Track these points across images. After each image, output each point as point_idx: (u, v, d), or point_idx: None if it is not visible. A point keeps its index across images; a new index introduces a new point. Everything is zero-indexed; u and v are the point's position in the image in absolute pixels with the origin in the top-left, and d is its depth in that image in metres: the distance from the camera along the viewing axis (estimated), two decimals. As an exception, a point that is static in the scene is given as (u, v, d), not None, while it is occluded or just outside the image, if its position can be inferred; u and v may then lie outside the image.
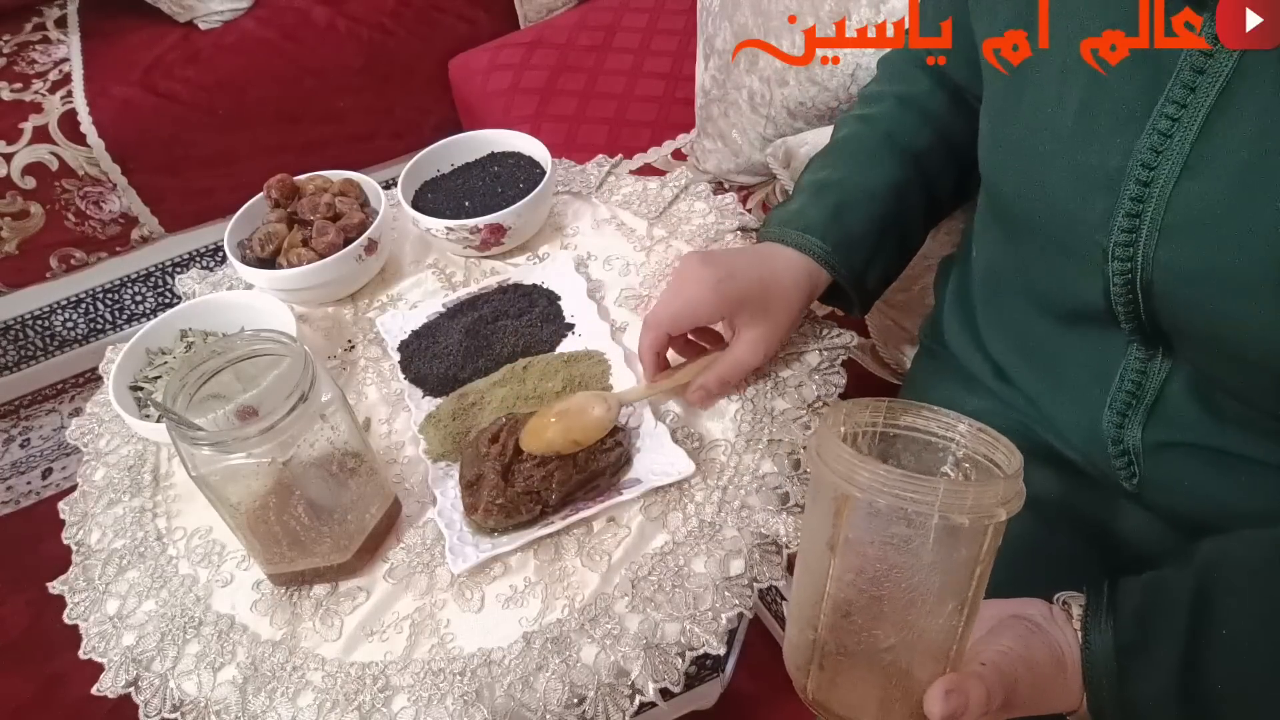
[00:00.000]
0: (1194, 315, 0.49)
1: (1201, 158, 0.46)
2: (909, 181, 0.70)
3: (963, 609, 0.43)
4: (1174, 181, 0.47)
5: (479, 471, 0.65)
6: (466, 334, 0.78)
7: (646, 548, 0.64)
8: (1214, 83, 0.45)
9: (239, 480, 0.59)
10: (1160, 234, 0.48)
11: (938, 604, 0.43)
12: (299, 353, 0.58)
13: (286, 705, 0.60)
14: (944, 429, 0.46)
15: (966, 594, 0.43)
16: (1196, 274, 0.47)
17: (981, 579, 0.43)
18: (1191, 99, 0.46)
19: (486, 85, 1.51)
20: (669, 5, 1.57)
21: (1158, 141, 0.47)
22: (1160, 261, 0.49)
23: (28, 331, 1.63)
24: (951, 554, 0.41)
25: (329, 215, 0.86)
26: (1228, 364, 0.51)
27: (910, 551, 0.41)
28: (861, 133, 0.73)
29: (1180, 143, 0.47)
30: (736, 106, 1.13)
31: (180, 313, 0.81)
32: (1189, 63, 0.46)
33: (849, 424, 0.46)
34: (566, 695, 0.58)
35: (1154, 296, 0.50)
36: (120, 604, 0.67)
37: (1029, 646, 0.48)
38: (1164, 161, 0.47)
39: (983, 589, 0.44)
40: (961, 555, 0.41)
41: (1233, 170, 0.45)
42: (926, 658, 0.44)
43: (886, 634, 0.44)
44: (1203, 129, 0.46)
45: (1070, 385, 0.61)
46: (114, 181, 1.52)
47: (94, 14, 1.66)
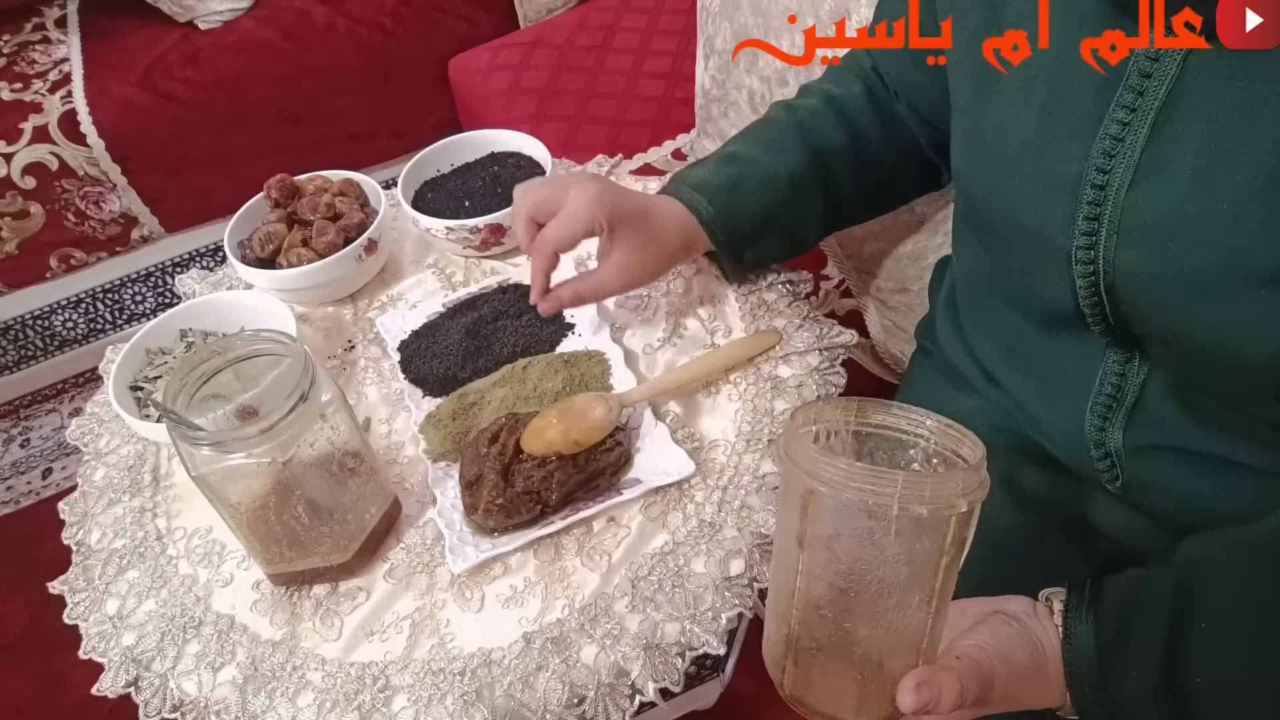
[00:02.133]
0: (1159, 318, 0.50)
1: (1152, 161, 0.46)
2: (810, 175, 0.72)
3: (930, 600, 0.44)
4: (1127, 185, 0.47)
5: (479, 471, 0.65)
6: (466, 334, 0.78)
7: (646, 548, 0.64)
8: (1160, 86, 0.45)
9: (239, 480, 0.59)
10: (1119, 237, 0.48)
11: (905, 595, 0.43)
12: (299, 353, 0.58)
13: (286, 705, 0.60)
14: (912, 425, 0.47)
15: (933, 585, 0.43)
16: (1156, 276, 0.48)
17: (949, 570, 0.43)
18: (1140, 102, 0.46)
19: (486, 85, 1.51)
20: (669, 5, 1.57)
21: (1110, 145, 0.48)
22: (1120, 264, 0.49)
23: (28, 331, 1.63)
24: (915, 545, 0.42)
25: (329, 215, 0.86)
26: (1202, 366, 0.51)
27: (874, 544, 0.42)
28: (781, 119, 0.75)
29: (1131, 146, 0.47)
30: (736, 106, 1.13)
31: (180, 313, 0.81)
32: (1137, 67, 0.46)
33: (821, 423, 0.47)
34: (566, 695, 0.58)
35: (1118, 300, 0.50)
36: (120, 604, 0.67)
37: (1007, 641, 0.48)
38: (1117, 165, 0.48)
39: (951, 581, 0.44)
40: (925, 547, 0.42)
41: (1184, 172, 0.45)
42: (898, 651, 0.45)
43: (856, 626, 0.44)
44: (1151, 132, 0.46)
45: (1053, 388, 0.61)
46: (114, 181, 1.52)
47: (94, 14, 1.66)
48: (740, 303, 0.79)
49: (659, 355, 0.77)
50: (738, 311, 0.79)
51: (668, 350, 0.77)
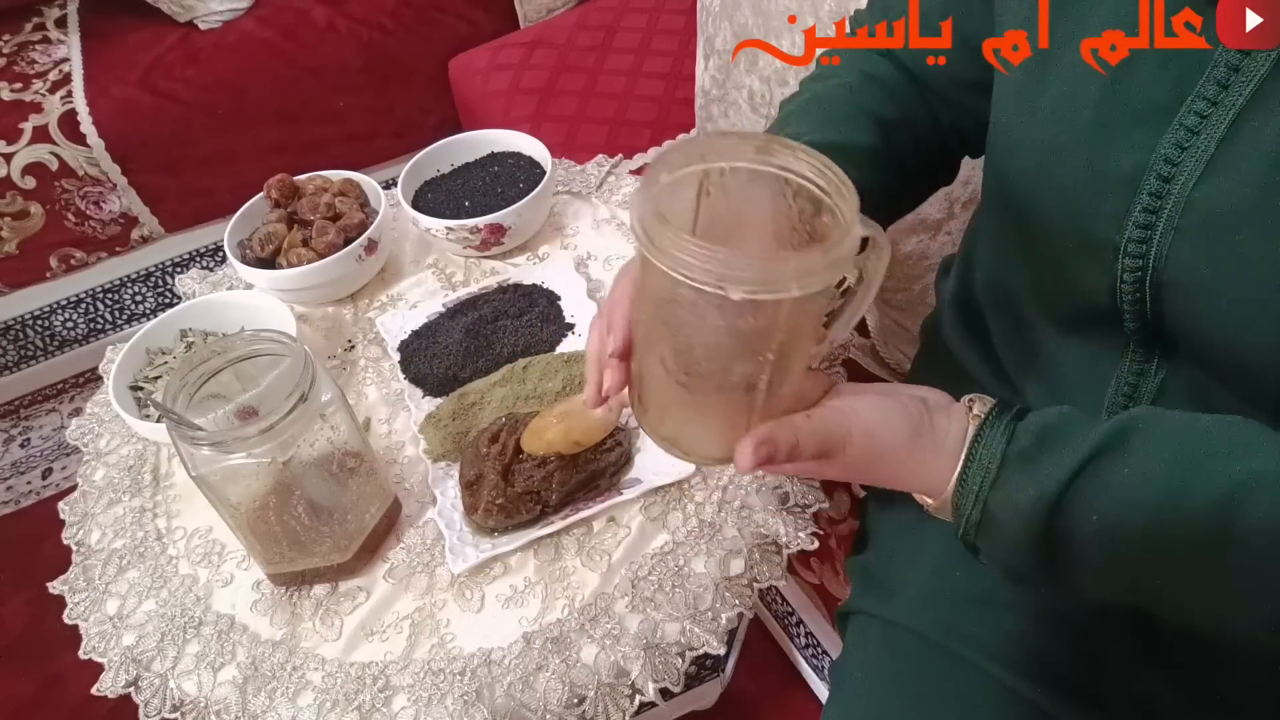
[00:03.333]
0: (1201, 317, 0.49)
1: (1226, 158, 0.45)
2: (883, 149, 0.65)
3: (762, 373, 0.43)
4: (1195, 180, 0.46)
5: (479, 471, 0.65)
6: (466, 334, 0.78)
7: (646, 548, 0.64)
8: (1248, 82, 0.44)
9: (239, 480, 0.59)
10: (1176, 233, 0.47)
11: (730, 364, 0.43)
12: (299, 353, 0.58)
13: (286, 705, 0.60)
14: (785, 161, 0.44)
15: (764, 359, 0.42)
16: (1209, 276, 0.47)
17: (786, 347, 0.42)
18: (1224, 96, 0.45)
19: (486, 85, 1.51)
20: (669, 5, 1.57)
21: (1183, 138, 0.46)
22: (1173, 261, 0.48)
23: (28, 331, 1.63)
24: (738, 322, 0.40)
25: (329, 215, 0.86)
26: (1228, 369, 0.51)
27: (695, 312, 0.41)
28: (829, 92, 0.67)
29: (1206, 141, 0.46)
30: (736, 106, 1.13)
31: (180, 313, 0.81)
32: (1225, 59, 0.45)
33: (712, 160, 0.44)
34: (566, 695, 0.58)
35: (1163, 297, 0.50)
36: (120, 604, 0.67)
37: (887, 415, 0.48)
38: (1187, 158, 0.46)
39: (795, 358, 0.43)
40: (751, 324, 0.41)
41: (1257, 173, 0.44)
42: (729, 413, 0.45)
43: (691, 383, 0.45)
44: (1230, 128, 0.45)
45: (1068, 388, 0.61)
46: (114, 181, 1.52)
47: (94, 14, 1.66)
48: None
49: (659, 355, 0.77)
50: (738, 311, 0.79)
51: (668, 350, 0.77)
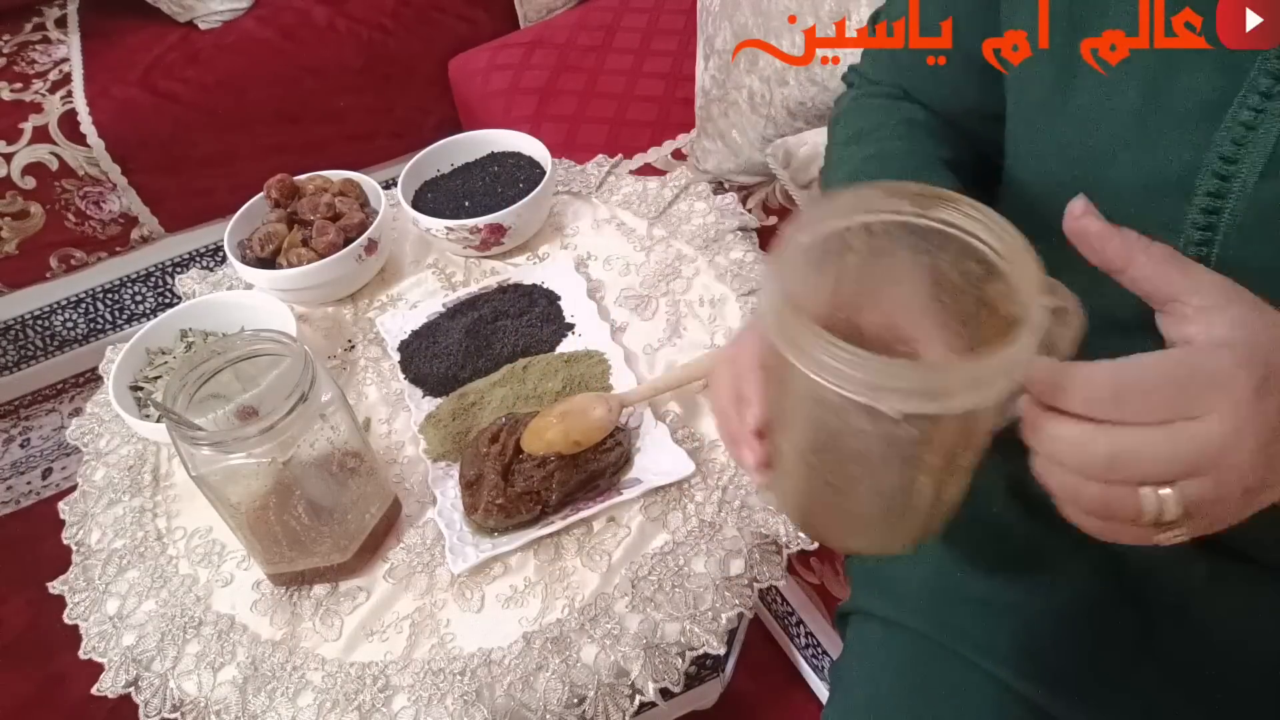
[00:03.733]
0: None
1: None
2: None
3: (924, 479, 0.37)
4: (1256, 175, 0.44)
5: (479, 471, 0.65)
6: (466, 334, 0.78)
7: (646, 548, 0.64)
8: None
9: (239, 480, 0.59)
10: (1239, 231, 0.45)
11: (886, 471, 0.37)
12: (299, 353, 0.58)
13: (286, 705, 0.60)
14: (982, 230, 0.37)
15: (928, 466, 0.37)
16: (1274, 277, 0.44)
17: (954, 456, 0.37)
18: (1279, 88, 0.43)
19: (486, 85, 1.51)
20: (669, 5, 1.57)
21: (1240, 134, 0.44)
22: (1236, 263, 0.45)
23: (28, 331, 1.63)
24: (896, 430, 0.34)
25: (329, 215, 0.86)
26: None
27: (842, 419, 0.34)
28: (887, 146, 0.63)
29: (1265, 135, 0.44)
30: (736, 106, 1.13)
31: (180, 313, 0.81)
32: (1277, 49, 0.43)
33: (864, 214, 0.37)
34: (566, 695, 0.58)
35: None
36: (120, 604, 0.67)
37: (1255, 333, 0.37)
38: (1246, 154, 0.44)
39: (961, 460, 0.38)
40: (910, 434, 0.34)
41: None
42: (892, 518, 0.40)
43: (844, 487, 0.39)
44: None
45: None
46: (114, 181, 1.52)
47: (94, 14, 1.66)
48: (740, 303, 0.79)
49: (659, 355, 0.77)
50: (738, 311, 0.79)
51: (668, 350, 0.77)
